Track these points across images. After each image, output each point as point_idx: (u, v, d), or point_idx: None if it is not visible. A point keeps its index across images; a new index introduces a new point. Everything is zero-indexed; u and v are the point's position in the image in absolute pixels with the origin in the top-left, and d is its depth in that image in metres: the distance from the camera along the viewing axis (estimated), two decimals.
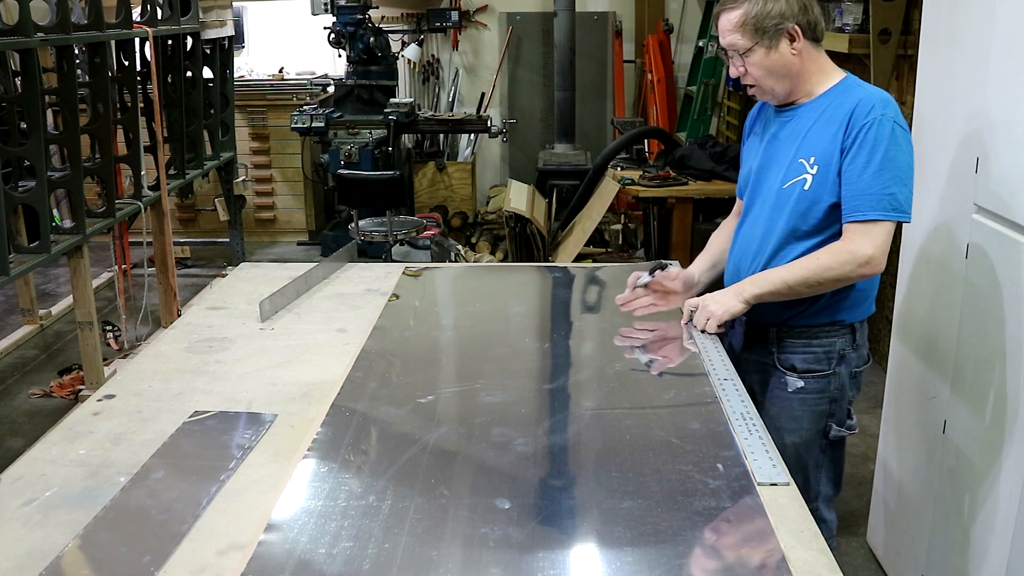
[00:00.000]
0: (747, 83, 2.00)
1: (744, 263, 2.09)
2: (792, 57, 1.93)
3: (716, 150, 4.80)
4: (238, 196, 5.58)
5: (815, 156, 1.93)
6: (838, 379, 2.04)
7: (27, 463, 1.59)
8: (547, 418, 1.74)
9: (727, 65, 2.01)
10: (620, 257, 5.20)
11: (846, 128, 1.89)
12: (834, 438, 2.08)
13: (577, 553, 1.32)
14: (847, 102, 1.91)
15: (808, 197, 1.94)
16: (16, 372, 4.44)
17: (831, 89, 1.97)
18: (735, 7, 1.93)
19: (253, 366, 2.01)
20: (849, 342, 2.03)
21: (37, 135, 3.20)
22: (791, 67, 1.94)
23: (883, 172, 1.85)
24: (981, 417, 2.15)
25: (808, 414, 2.05)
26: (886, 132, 1.85)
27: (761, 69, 1.95)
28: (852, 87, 1.96)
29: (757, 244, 2.05)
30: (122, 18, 3.83)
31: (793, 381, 2.04)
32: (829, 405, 2.05)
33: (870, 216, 1.86)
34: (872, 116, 1.86)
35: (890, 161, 1.85)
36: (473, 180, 7.08)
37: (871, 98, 1.89)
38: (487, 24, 7.26)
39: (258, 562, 1.27)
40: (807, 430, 2.06)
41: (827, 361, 2.03)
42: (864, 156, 1.86)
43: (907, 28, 3.96)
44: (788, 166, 1.98)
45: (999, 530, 2.07)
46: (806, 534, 1.34)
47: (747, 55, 1.94)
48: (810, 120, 1.97)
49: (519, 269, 3.06)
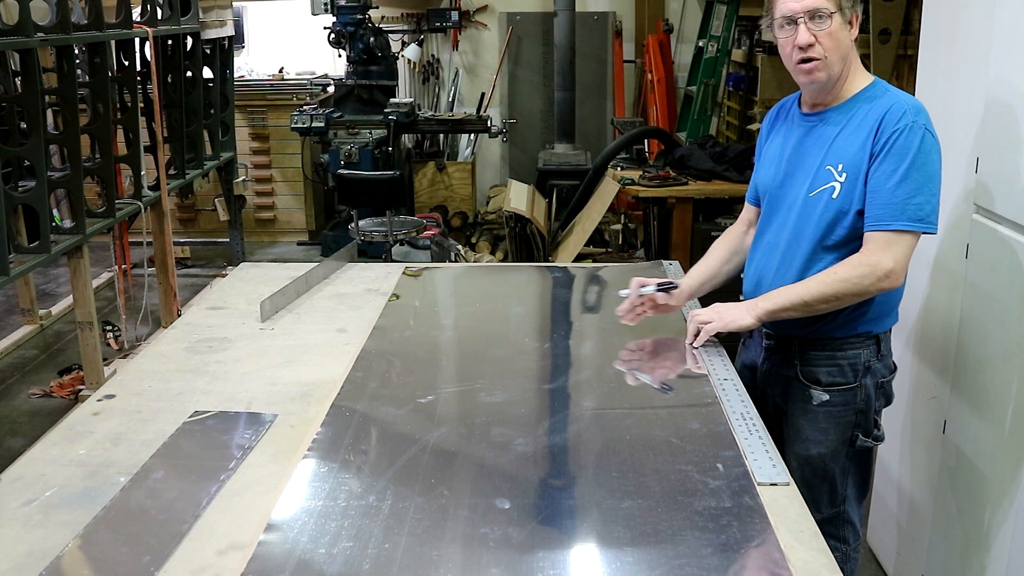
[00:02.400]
0: (813, 55, 1.84)
1: (767, 276, 2.01)
2: (851, 41, 1.86)
3: (716, 150, 4.79)
4: (238, 196, 5.58)
5: (843, 163, 1.86)
6: (864, 391, 1.97)
7: (27, 463, 1.59)
8: (547, 418, 1.74)
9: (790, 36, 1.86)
10: (620, 257, 5.20)
11: (875, 134, 1.82)
12: (860, 448, 2.01)
13: (577, 553, 1.32)
14: (877, 107, 1.84)
15: (836, 206, 1.86)
16: (16, 372, 4.44)
17: (861, 93, 1.89)
18: None
19: (253, 366, 2.01)
20: (874, 353, 1.97)
21: (37, 135, 3.20)
22: (850, 51, 1.87)
23: (909, 181, 1.78)
24: (981, 417, 2.15)
25: (834, 426, 1.98)
26: (916, 140, 1.78)
27: (833, 40, 1.83)
28: (882, 92, 1.88)
29: (780, 255, 1.98)
30: (122, 18, 3.83)
31: (818, 395, 1.97)
32: (855, 416, 1.98)
33: (894, 227, 1.78)
34: (903, 123, 1.79)
35: (918, 170, 1.78)
36: (473, 180, 7.08)
37: (903, 104, 1.82)
38: (487, 24, 7.26)
39: (258, 562, 1.27)
40: (833, 441, 1.99)
41: (852, 374, 1.96)
42: (892, 163, 1.79)
43: (907, 28, 3.96)
44: (815, 173, 1.90)
45: (999, 530, 2.07)
46: (806, 534, 1.34)
47: (826, 21, 1.81)
48: (838, 125, 1.89)
49: (519, 269, 3.06)
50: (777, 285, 1.96)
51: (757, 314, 1.91)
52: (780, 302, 1.88)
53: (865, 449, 2.03)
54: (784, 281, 1.95)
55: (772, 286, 1.97)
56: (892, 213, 1.79)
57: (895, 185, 1.78)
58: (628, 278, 2.42)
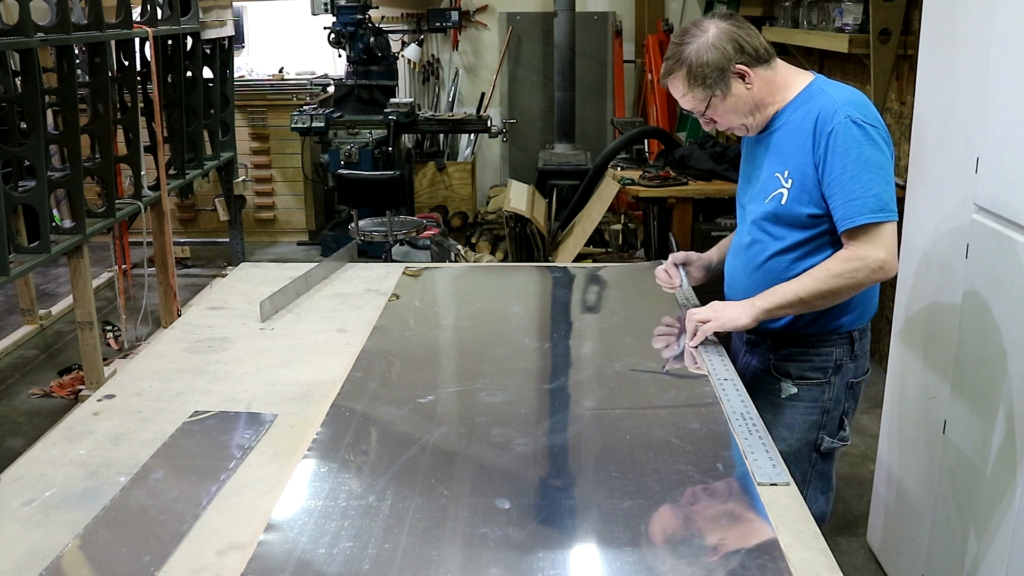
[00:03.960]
0: (722, 130, 2.00)
1: (736, 275, 2.09)
2: (749, 91, 1.90)
3: (716, 150, 4.79)
4: (238, 196, 5.58)
5: (788, 169, 1.92)
6: (832, 389, 2.02)
7: (27, 463, 1.59)
8: (547, 418, 1.74)
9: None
10: (620, 257, 5.20)
11: (813, 139, 1.87)
12: (825, 450, 2.05)
13: (577, 553, 1.32)
14: (811, 110, 1.89)
15: (786, 210, 1.93)
16: (16, 372, 4.44)
17: (796, 98, 1.94)
18: (673, 75, 1.92)
19: (253, 366, 2.01)
20: (847, 352, 2.01)
21: (37, 135, 3.20)
22: (753, 100, 1.92)
23: (861, 175, 1.82)
24: (981, 417, 2.15)
25: (799, 423, 2.03)
26: (851, 134, 1.82)
27: (726, 114, 1.94)
28: (816, 93, 1.92)
29: (744, 256, 2.05)
30: (122, 18, 3.83)
31: (787, 387, 2.02)
32: (821, 416, 2.03)
33: (859, 221, 1.82)
34: (835, 122, 1.83)
35: (864, 162, 1.82)
36: (473, 180, 7.07)
37: (832, 102, 1.86)
38: (487, 24, 7.26)
39: (258, 562, 1.27)
40: (797, 439, 2.03)
41: (822, 370, 2.01)
42: (838, 164, 1.83)
43: (907, 28, 3.96)
44: (764, 181, 1.98)
45: (999, 530, 2.07)
46: (806, 534, 1.34)
47: (708, 110, 1.93)
48: (782, 133, 1.95)
49: (519, 269, 3.06)
50: (745, 283, 2.03)
51: (754, 313, 1.93)
52: (776, 300, 1.91)
53: (829, 452, 2.06)
54: (750, 279, 2.01)
55: (742, 284, 2.04)
56: (856, 209, 1.82)
57: (848, 183, 1.82)
58: (628, 278, 2.43)
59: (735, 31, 1.89)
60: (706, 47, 1.87)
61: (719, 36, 1.88)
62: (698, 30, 1.90)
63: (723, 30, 1.88)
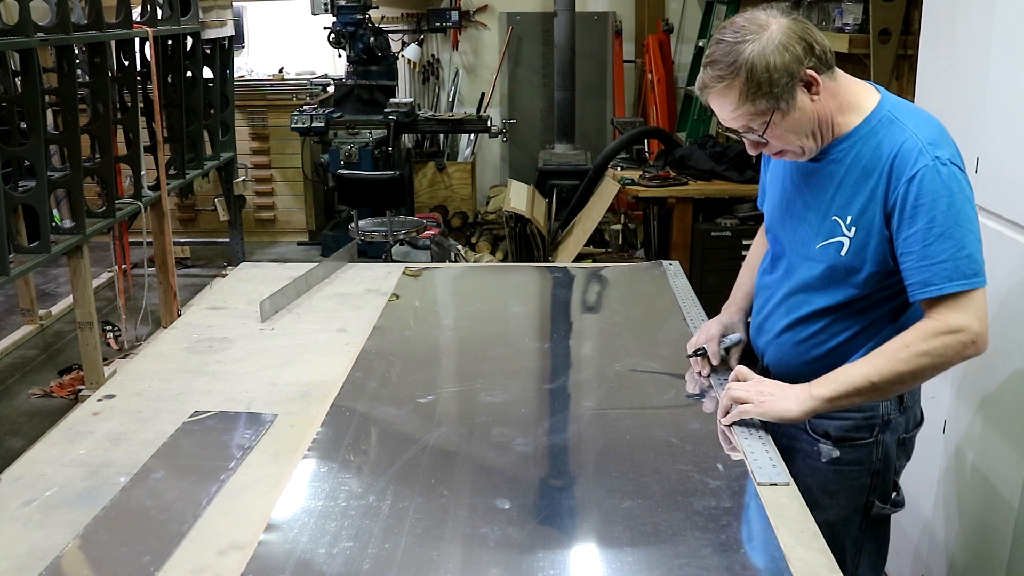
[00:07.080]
0: (770, 153, 1.64)
1: (771, 319, 1.78)
2: (814, 104, 1.55)
3: (716, 150, 4.80)
4: (238, 196, 5.58)
5: (851, 216, 1.59)
6: (881, 448, 1.69)
7: (27, 463, 1.59)
8: (547, 418, 1.74)
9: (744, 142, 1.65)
10: (620, 257, 5.20)
11: (888, 183, 1.53)
12: (876, 516, 1.74)
13: (577, 553, 1.32)
14: (884, 145, 1.55)
15: (845, 263, 1.61)
16: (16, 372, 4.43)
17: (862, 124, 1.59)
18: (726, 84, 1.52)
19: (253, 366, 2.01)
20: (895, 405, 1.69)
21: (37, 135, 3.20)
22: (817, 115, 1.56)
23: (953, 231, 1.48)
24: (981, 417, 2.15)
25: (846, 489, 1.71)
26: (942, 182, 1.48)
27: (785, 134, 1.57)
28: (888, 122, 1.57)
29: (785, 301, 1.74)
30: (122, 18, 3.83)
31: (827, 450, 1.69)
32: (871, 479, 1.71)
33: (950, 289, 1.48)
34: (919, 165, 1.49)
35: (956, 215, 1.48)
36: (473, 180, 7.07)
37: (913, 139, 1.52)
38: (487, 24, 7.26)
39: (258, 562, 1.28)
40: (845, 507, 1.72)
41: (868, 428, 1.68)
42: (923, 220, 1.49)
43: (907, 28, 3.96)
44: (821, 223, 1.64)
45: (999, 530, 2.07)
46: (806, 534, 1.34)
47: (764, 126, 1.55)
48: (844, 168, 1.60)
49: (519, 269, 3.06)
50: (779, 331, 1.74)
51: (812, 406, 1.56)
52: (841, 388, 1.54)
53: (882, 517, 1.76)
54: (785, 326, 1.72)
55: (773, 330, 1.75)
56: (946, 274, 1.49)
57: (935, 242, 1.49)
58: (628, 278, 2.39)
59: (803, 28, 1.53)
60: (772, 48, 1.49)
61: (787, 34, 1.50)
62: (754, 25, 1.51)
63: (787, 26, 1.51)
